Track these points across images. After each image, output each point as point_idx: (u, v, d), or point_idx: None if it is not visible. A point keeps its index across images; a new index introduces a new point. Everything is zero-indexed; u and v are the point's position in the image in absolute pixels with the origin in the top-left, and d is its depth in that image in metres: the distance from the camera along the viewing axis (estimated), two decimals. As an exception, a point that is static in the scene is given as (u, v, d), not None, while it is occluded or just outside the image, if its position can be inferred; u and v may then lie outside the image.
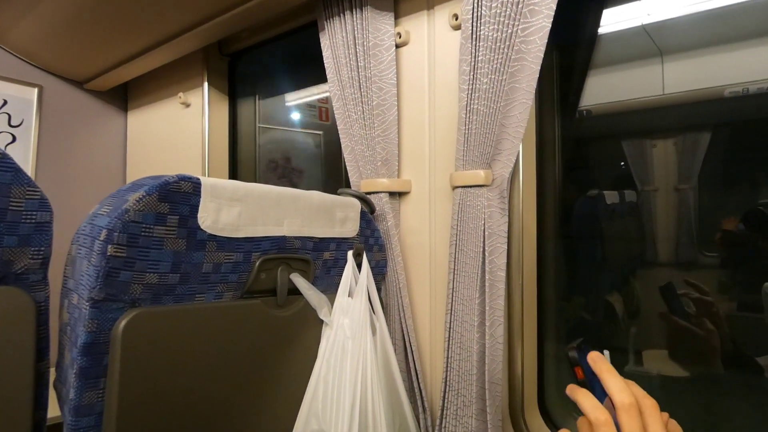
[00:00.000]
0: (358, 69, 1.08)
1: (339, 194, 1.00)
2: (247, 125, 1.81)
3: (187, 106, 1.73)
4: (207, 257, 0.72)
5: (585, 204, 1.16)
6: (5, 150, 0.60)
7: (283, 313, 0.85)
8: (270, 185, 0.81)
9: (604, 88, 1.12)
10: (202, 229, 0.70)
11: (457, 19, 1.02)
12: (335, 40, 1.13)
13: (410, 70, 1.11)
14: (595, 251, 1.17)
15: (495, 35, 0.87)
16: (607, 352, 0.63)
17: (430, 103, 1.08)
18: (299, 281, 0.87)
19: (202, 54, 1.64)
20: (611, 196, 1.13)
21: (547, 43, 0.84)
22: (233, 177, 1.76)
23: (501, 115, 0.89)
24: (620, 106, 1.11)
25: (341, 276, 0.95)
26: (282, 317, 0.85)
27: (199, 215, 0.70)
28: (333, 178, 1.87)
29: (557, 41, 1.10)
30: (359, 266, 0.97)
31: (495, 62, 0.88)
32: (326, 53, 1.16)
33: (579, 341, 0.63)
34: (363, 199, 1.03)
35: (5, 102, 1.67)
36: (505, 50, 0.87)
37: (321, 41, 1.17)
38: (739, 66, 0.96)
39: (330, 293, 0.92)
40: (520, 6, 0.85)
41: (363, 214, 1.00)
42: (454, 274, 0.97)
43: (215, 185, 0.71)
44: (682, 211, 1.04)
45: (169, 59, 1.60)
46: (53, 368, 0.72)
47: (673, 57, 1.03)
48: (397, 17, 1.11)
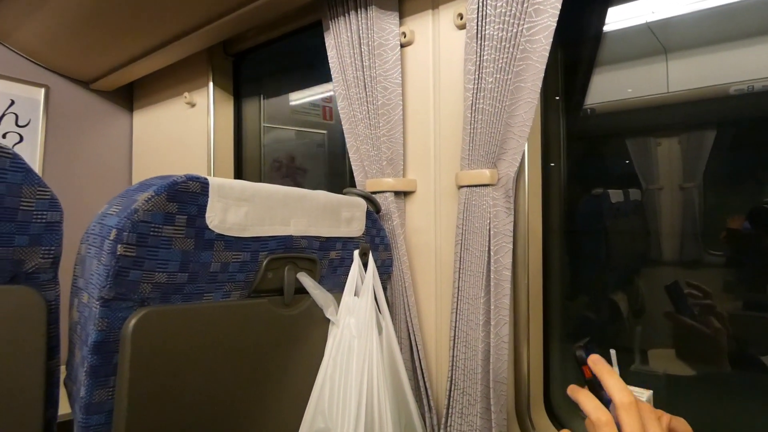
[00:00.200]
0: (363, 68, 1.09)
1: (345, 194, 1.00)
2: (252, 125, 1.81)
3: (193, 106, 1.73)
4: (215, 257, 0.73)
5: (590, 203, 1.16)
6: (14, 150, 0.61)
7: (290, 312, 0.86)
8: (276, 185, 0.81)
9: (609, 87, 1.12)
10: (210, 229, 0.71)
11: (462, 19, 1.02)
12: (340, 40, 1.13)
13: (415, 70, 1.11)
14: (601, 250, 1.17)
15: (500, 34, 0.87)
16: (614, 352, 0.64)
17: (435, 103, 1.08)
18: (306, 280, 0.87)
19: (207, 54, 1.64)
20: (616, 195, 1.13)
21: (552, 42, 0.85)
22: (238, 176, 1.77)
23: (506, 115, 0.89)
24: (625, 105, 1.11)
25: (347, 275, 0.95)
26: (289, 316, 0.86)
27: (207, 215, 0.70)
28: (337, 178, 1.87)
29: (562, 39, 1.10)
30: (365, 265, 0.98)
31: (500, 61, 0.88)
32: (331, 53, 1.16)
33: (586, 340, 0.63)
34: (368, 199, 1.03)
35: (12, 102, 1.68)
36: (510, 49, 0.87)
37: (326, 41, 1.17)
38: (744, 63, 0.95)
39: (336, 292, 0.93)
40: (525, 5, 0.85)
41: (369, 214, 1.00)
42: (460, 274, 0.97)
43: (223, 185, 0.72)
44: (687, 210, 1.04)
45: (175, 59, 1.61)
46: (63, 366, 0.73)
47: (678, 55, 1.03)
48: (402, 17, 1.12)
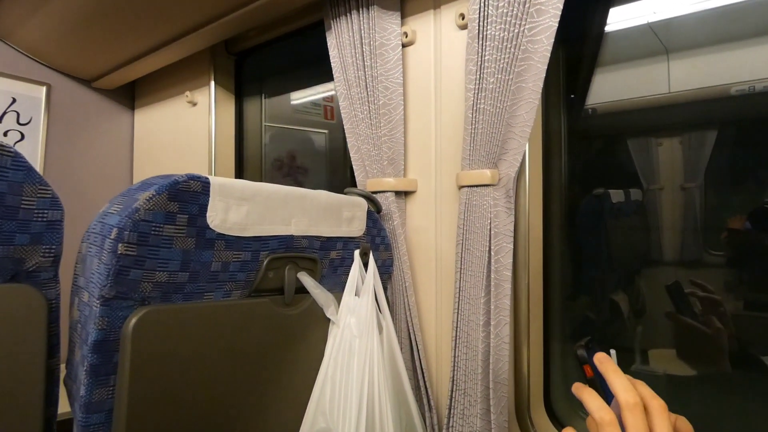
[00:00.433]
0: (365, 68, 1.09)
1: (345, 194, 1.00)
2: (253, 124, 1.81)
3: (194, 105, 1.73)
4: (216, 256, 0.73)
5: (591, 203, 1.16)
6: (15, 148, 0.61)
7: (291, 312, 0.86)
8: (277, 185, 0.81)
9: (610, 87, 1.11)
10: (211, 228, 0.71)
11: (464, 19, 1.02)
12: (342, 40, 1.13)
13: (416, 70, 1.11)
14: (601, 250, 1.17)
15: (502, 35, 0.87)
16: (614, 352, 0.64)
17: (437, 103, 1.08)
18: (306, 280, 0.87)
19: (209, 53, 1.64)
20: (617, 195, 1.13)
21: (554, 42, 0.85)
22: (239, 175, 1.77)
23: (507, 115, 0.89)
24: (626, 105, 1.11)
25: (348, 275, 0.95)
26: (289, 316, 0.86)
27: (208, 214, 0.70)
28: (338, 177, 1.87)
29: (564, 39, 1.10)
30: (366, 265, 0.98)
31: (502, 62, 0.88)
32: (333, 52, 1.16)
33: (587, 340, 0.63)
34: (369, 199, 1.03)
35: (14, 100, 1.68)
36: (512, 50, 0.87)
37: (327, 40, 1.17)
38: (746, 64, 0.95)
39: (337, 292, 0.93)
40: (527, 5, 0.85)
41: (369, 214, 1.00)
42: (461, 274, 0.97)
43: (224, 184, 0.72)
44: (688, 210, 1.04)
45: (177, 58, 1.61)
46: (63, 365, 0.73)
47: (679, 55, 1.03)
48: (404, 17, 1.12)
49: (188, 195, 0.68)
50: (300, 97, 1.95)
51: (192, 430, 0.72)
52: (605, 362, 0.57)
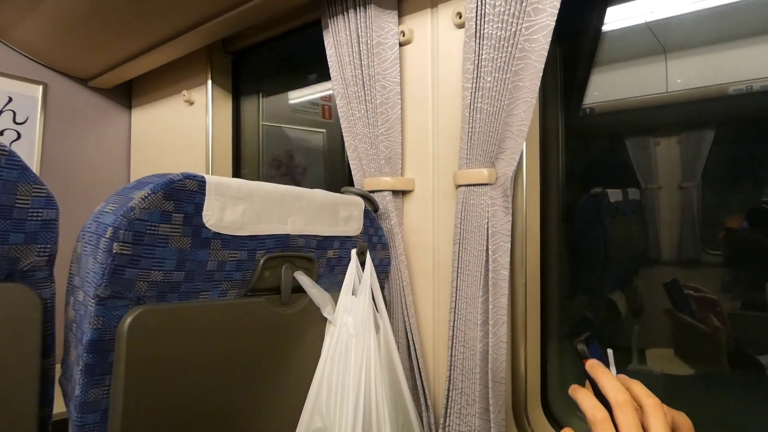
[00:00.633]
0: (362, 67, 1.08)
1: (342, 193, 1.00)
2: (251, 123, 1.81)
3: (191, 104, 1.73)
4: (211, 255, 0.72)
5: (588, 202, 1.16)
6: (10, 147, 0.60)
7: (287, 311, 0.86)
8: (274, 183, 0.81)
9: (608, 86, 1.11)
10: (207, 227, 0.71)
11: (461, 18, 1.02)
12: (339, 39, 1.13)
13: (414, 69, 1.11)
14: (599, 249, 1.17)
15: (499, 33, 0.87)
16: (611, 351, 0.64)
17: (434, 102, 1.08)
18: (303, 279, 0.87)
19: (206, 52, 1.64)
20: (615, 194, 1.13)
21: (551, 41, 0.84)
22: (236, 175, 1.77)
23: (505, 114, 0.89)
24: (624, 104, 1.11)
25: (345, 274, 0.95)
26: (286, 315, 0.85)
27: (204, 213, 0.70)
28: (335, 176, 1.87)
29: (561, 39, 1.10)
30: (363, 264, 0.97)
31: (499, 61, 0.88)
32: (330, 51, 1.16)
33: (587, 335, 0.64)
34: (366, 198, 1.03)
35: (10, 99, 1.67)
36: (509, 49, 0.87)
37: (325, 39, 1.17)
38: (743, 64, 0.95)
39: (333, 291, 0.93)
40: (524, 4, 0.85)
41: (366, 213, 1.00)
42: (458, 273, 0.97)
43: (220, 183, 0.72)
44: (686, 209, 1.04)
45: (173, 57, 1.61)
46: (59, 364, 0.73)
47: (677, 54, 1.03)
48: (401, 15, 1.11)
49: (184, 194, 0.67)
50: (298, 97, 1.95)
51: (188, 430, 0.72)
52: (595, 367, 0.58)
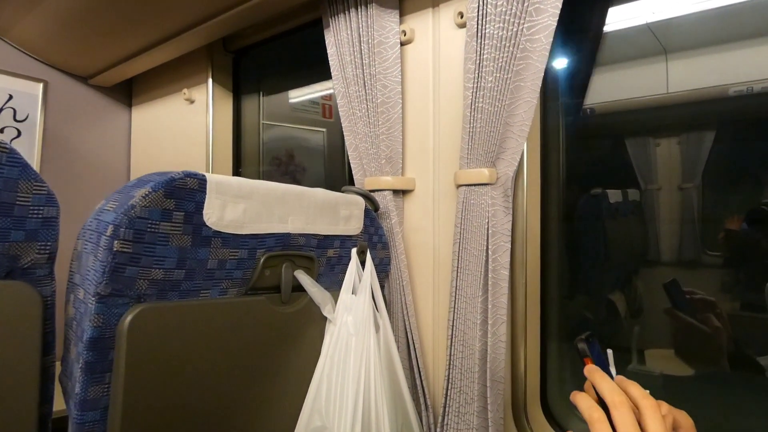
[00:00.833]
0: (363, 66, 1.08)
1: (343, 192, 1.00)
2: (251, 122, 1.81)
3: (192, 103, 1.73)
4: (212, 253, 0.72)
5: (588, 203, 1.16)
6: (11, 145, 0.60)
7: (287, 310, 0.86)
8: (275, 182, 0.81)
9: (609, 87, 1.11)
10: (208, 226, 0.71)
11: (463, 17, 1.02)
12: (340, 38, 1.13)
13: (415, 68, 1.11)
14: (599, 250, 1.17)
15: (500, 33, 0.87)
16: (611, 352, 0.64)
17: (435, 101, 1.08)
18: (303, 278, 0.87)
19: (207, 50, 1.64)
20: (615, 195, 1.13)
21: (552, 41, 0.84)
22: (237, 173, 1.77)
23: (506, 114, 0.89)
24: (624, 105, 1.11)
25: (345, 273, 0.95)
26: (286, 314, 0.85)
27: (205, 212, 0.70)
28: (336, 175, 1.87)
29: (562, 39, 1.10)
30: (363, 264, 0.97)
31: (500, 60, 0.88)
32: (331, 50, 1.16)
33: (587, 333, 0.65)
34: (367, 197, 1.03)
35: (11, 97, 1.67)
36: (511, 48, 0.87)
37: (326, 39, 1.17)
38: (744, 65, 0.95)
39: (334, 290, 0.93)
40: (526, 4, 0.85)
41: (367, 212, 1.00)
42: (458, 272, 0.97)
43: (220, 182, 0.72)
44: (686, 210, 1.04)
45: (174, 55, 1.60)
46: (59, 362, 0.73)
47: (678, 56, 1.03)
48: (402, 15, 1.11)
49: (185, 192, 0.67)
50: (298, 96, 1.95)
51: (187, 428, 0.72)
52: (593, 371, 0.60)
